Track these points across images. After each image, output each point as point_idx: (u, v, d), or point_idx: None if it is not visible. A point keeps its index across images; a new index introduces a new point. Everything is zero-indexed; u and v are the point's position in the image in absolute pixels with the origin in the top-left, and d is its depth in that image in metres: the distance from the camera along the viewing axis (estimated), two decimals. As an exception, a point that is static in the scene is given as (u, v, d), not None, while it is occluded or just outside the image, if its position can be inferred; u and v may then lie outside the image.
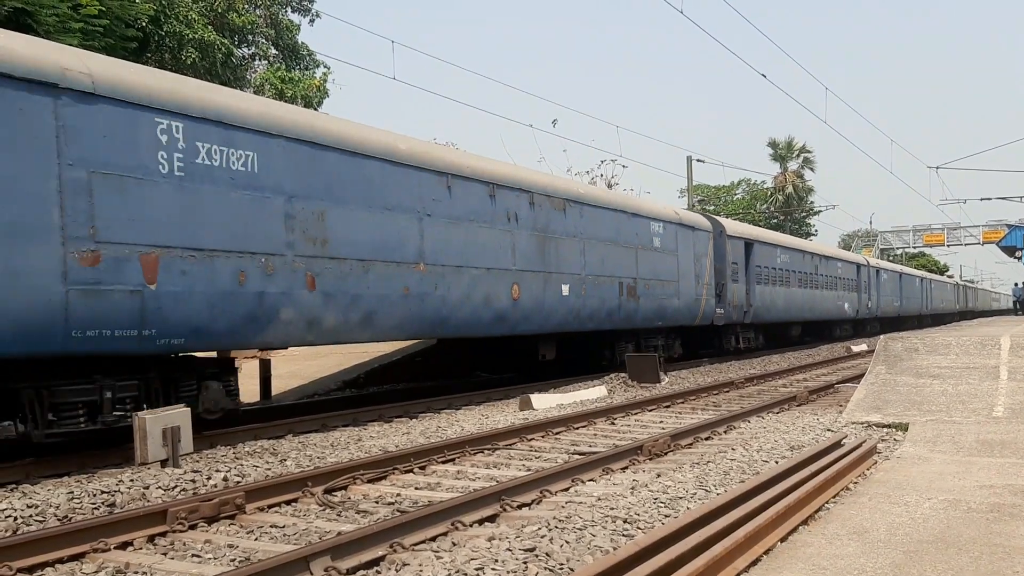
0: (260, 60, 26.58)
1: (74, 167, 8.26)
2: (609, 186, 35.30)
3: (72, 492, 7.01)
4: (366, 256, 11.55)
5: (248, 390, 16.91)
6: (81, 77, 8.40)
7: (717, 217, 26.31)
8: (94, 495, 6.92)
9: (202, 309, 9.38)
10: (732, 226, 25.35)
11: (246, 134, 9.98)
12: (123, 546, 5.73)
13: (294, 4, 26.79)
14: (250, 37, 25.65)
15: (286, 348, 11.78)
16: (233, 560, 5.37)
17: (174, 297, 9.08)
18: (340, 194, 11.21)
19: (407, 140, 13.11)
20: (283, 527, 6.18)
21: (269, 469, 8.19)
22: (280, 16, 26.20)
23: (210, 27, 21.28)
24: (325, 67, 27.54)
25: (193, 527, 6.15)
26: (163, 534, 5.99)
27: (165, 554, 5.62)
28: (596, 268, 17.07)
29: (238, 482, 7.52)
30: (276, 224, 10.28)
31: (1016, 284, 55.86)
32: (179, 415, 8.43)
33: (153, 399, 9.30)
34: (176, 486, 7.29)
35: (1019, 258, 42.98)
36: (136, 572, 5.22)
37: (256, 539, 5.94)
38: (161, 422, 8.18)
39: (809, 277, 30.89)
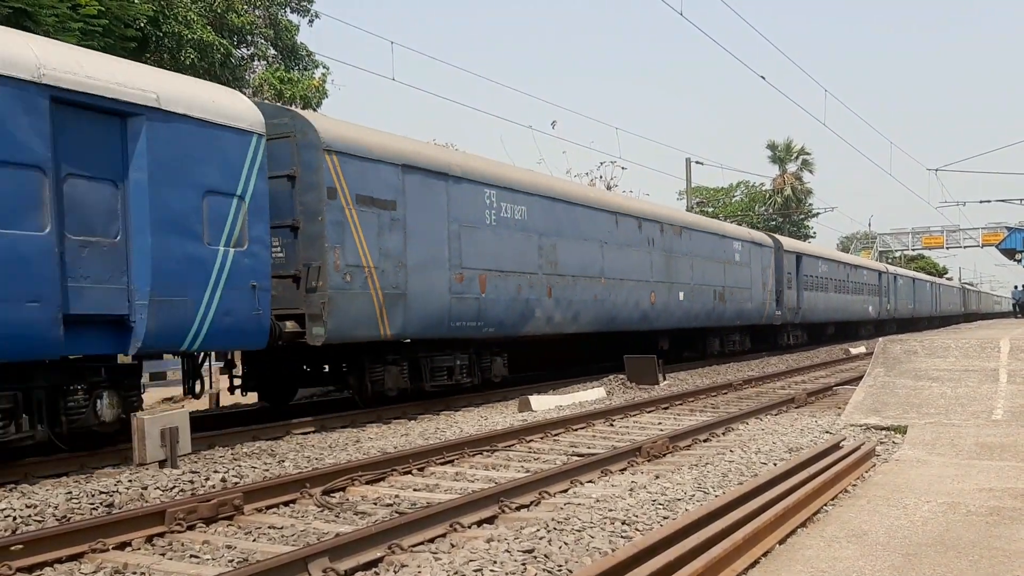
0: (259, 60, 26.56)
1: (452, 222, 13.59)
2: (608, 188, 35.30)
3: (71, 492, 7.00)
4: (575, 273, 17.01)
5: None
6: (456, 168, 13.90)
7: (776, 235, 31.47)
8: (92, 495, 6.92)
9: (503, 309, 14.78)
10: (787, 242, 30.87)
11: (521, 195, 15.60)
12: (121, 546, 5.72)
13: (293, 4, 26.75)
14: (249, 38, 25.62)
15: (534, 336, 16.46)
16: (231, 561, 5.37)
17: (492, 301, 14.45)
18: (562, 231, 16.70)
19: (592, 190, 20.75)
20: (281, 528, 6.18)
21: (267, 470, 8.18)
22: (279, 17, 26.17)
23: (209, 27, 21.26)
24: (324, 67, 27.50)
25: (191, 528, 6.14)
26: (161, 534, 5.98)
27: (163, 554, 5.62)
28: (700, 279, 22.69)
29: (236, 483, 7.52)
30: (534, 253, 15.76)
31: (1016, 287, 55.86)
32: (177, 416, 8.43)
33: (473, 368, 14.53)
34: (174, 487, 7.28)
35: (1018, 260, 42.94)
36: (134, 572, 5.21)
37: (254, 540, 5.93)
38: (159, 422, 8.18)
39: (842, 284, 36.11)
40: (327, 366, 13.39)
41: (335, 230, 11.45)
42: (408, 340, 12.94)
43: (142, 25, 18.79)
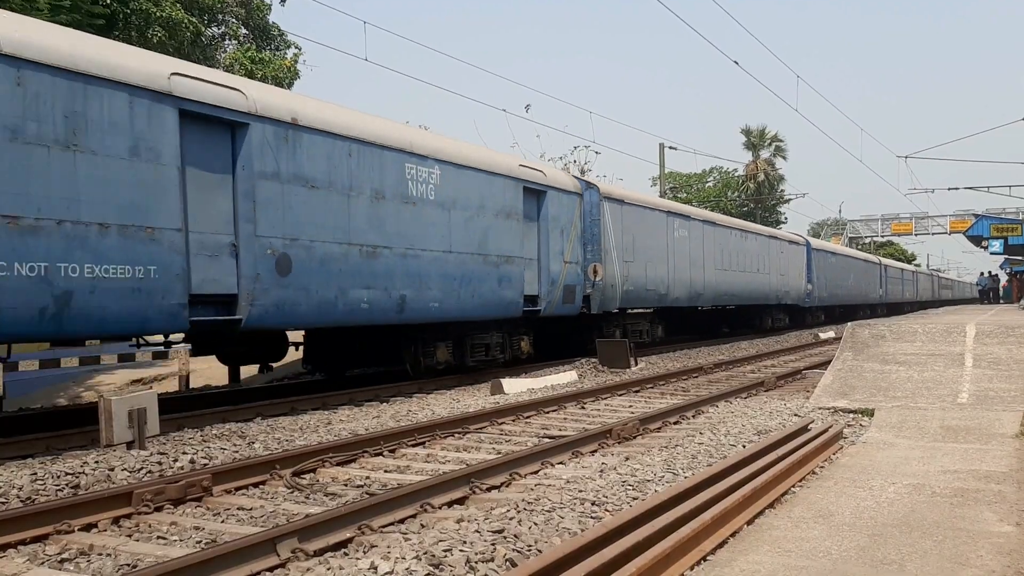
0: (230, 40, 26.23)
1: (624, 231, 20.09)
2: (582, 172, 35.30)
3: (36, 473, 6.91)
4: (720, 267, 26.35)
5: (218, 374, 16.78)
6: (614, 195, 19.91)
7: (805, 236, 39.15)
8: (58, 476, 6.83)
9: (681, 293, 23.67)
10: (814, 242, 39.24)
11: (684, 218, 23.81)
12: (87, 528, 5.66)
13: (265, -16, 26.39)
14: (220, 16, 25.30)
15: (691, 308, 25.79)
16: (199, 542, 5.33)
17: (672, 293, 22.99)
18: (725, 243, 26.79)
19: (744, 223, 30.84)
20: (250, 509, 6.13)
21: (237, 452, 8.12)
22: (251, -5, 25.83)
23: (178, 5, 20.94)
24: (296, 48, 27.19)
25: (159, 509, 6.08)
26: (128, 516, 5.92)
27: (130, 536, 5.56)
28: (765, 268, 31.08)
29: (205, 464, 7.46)
30: (691, 253, 24.15)
31: (982, 273, 56.51)
32: (145, 397, 8.35)
33: (650, 329, 22.81)
34: (142, 468, 7.21)
35: (985, 248, 43.44)
36: (100, 554, 5.15)
37: (223, 521, 5.89)
38: (127, 404, 8.09)
39: (849, 274, 43.77)
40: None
41: (606, 249, 19.02)
42: (624, 311, 20.74)
43: (109, 1, 18.47)
